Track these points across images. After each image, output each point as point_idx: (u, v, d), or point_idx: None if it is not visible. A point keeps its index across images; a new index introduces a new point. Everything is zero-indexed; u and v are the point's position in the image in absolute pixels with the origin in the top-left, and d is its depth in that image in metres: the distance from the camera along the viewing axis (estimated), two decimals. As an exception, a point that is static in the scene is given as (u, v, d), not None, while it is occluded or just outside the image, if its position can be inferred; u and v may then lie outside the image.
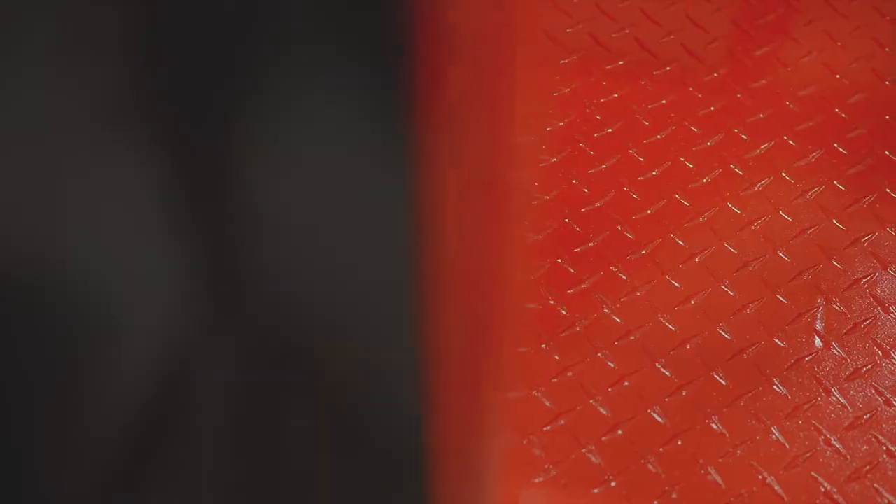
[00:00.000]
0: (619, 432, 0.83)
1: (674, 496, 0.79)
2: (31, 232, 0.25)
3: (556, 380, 0.86)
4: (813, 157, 0.99)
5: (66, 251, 0.25)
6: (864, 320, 0.89)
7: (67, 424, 0.30)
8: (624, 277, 0.91)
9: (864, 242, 0.93)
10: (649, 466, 0.81)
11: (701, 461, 0.81)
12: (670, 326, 0.88)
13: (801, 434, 0.82)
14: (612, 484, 0.80)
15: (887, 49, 1.08)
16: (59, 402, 0.30)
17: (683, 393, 0.85)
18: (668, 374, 0.86)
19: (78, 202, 0.24)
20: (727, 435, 0.82)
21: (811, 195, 0.97)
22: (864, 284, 0.91)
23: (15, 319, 0.27)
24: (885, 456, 0.81)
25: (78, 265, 0.26)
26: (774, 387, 0.85)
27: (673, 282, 0.91)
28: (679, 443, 0.82)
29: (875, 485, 0.80)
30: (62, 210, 0.24)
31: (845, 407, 0.84)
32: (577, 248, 0.93)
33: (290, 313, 0.26)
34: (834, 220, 0.95)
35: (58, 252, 0.25)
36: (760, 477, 0.80)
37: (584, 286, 0.91)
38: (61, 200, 0.24)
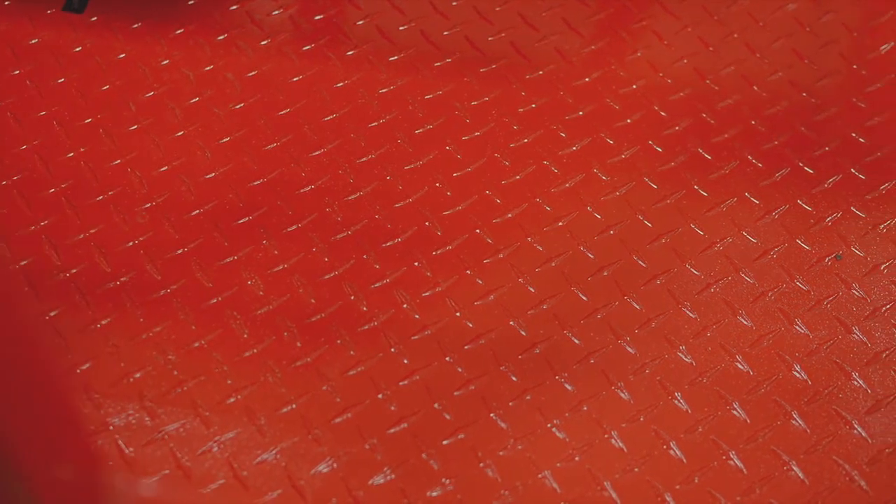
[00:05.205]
0: (404, 426, 0.84)
1: (450, 488, 0.81)
2: None
3: (352, 372, 0.87)
4: (626, 155, 1.00)
5: None
6: (658, 315, 0.90)
7: None
8: (428, 274, 0.92)
9: (666, 239, 0.94)
10: (431, 462, 0.82)
11: (480, 454, 0.82)
12: (467, 322, 0.89)
13: (582, 428, 0.84)
14: (391, 476, 0.81)
15: (711, 48, 1.09)
16: None
17: (472, 387, 0.86)
18: (459, 369, 0.87)
19: None
20: (509, 429, 0.84)
21: (621, 192, 0.98)
22: (660, 281, 0.92)
23: None
24: (664, 447, 0.83)
25: None
26: (562, 382, 0.86)
27: (476, 278, 0.92)
28: (461, 436, 0.83)
29: (647, 478, 0.81)
30: None
31: (629, 402, 0.85)
32: (384, 243, 0.94)
33: None
34: (640, 217, 0.96)
35: None
36: (536, 470, 0.81)
37: (386, 281, 0.92)
38: None
